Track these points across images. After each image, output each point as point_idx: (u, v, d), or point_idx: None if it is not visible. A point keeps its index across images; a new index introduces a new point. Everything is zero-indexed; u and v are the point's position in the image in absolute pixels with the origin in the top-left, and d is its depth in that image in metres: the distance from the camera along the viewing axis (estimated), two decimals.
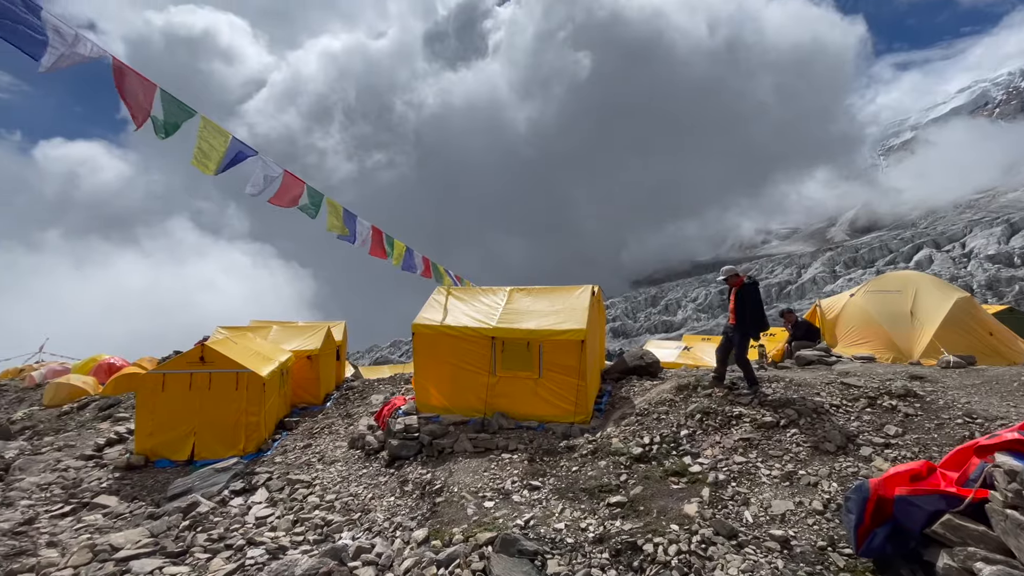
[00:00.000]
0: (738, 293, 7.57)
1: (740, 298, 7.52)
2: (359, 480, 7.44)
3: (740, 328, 7.54)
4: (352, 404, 11.62)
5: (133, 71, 4.53)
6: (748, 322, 7.48)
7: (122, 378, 15.81)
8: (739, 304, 7.51)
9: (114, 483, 8.13)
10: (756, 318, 7.46)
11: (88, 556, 5.46)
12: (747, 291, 7.55)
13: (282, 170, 6.62)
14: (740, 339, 7.57)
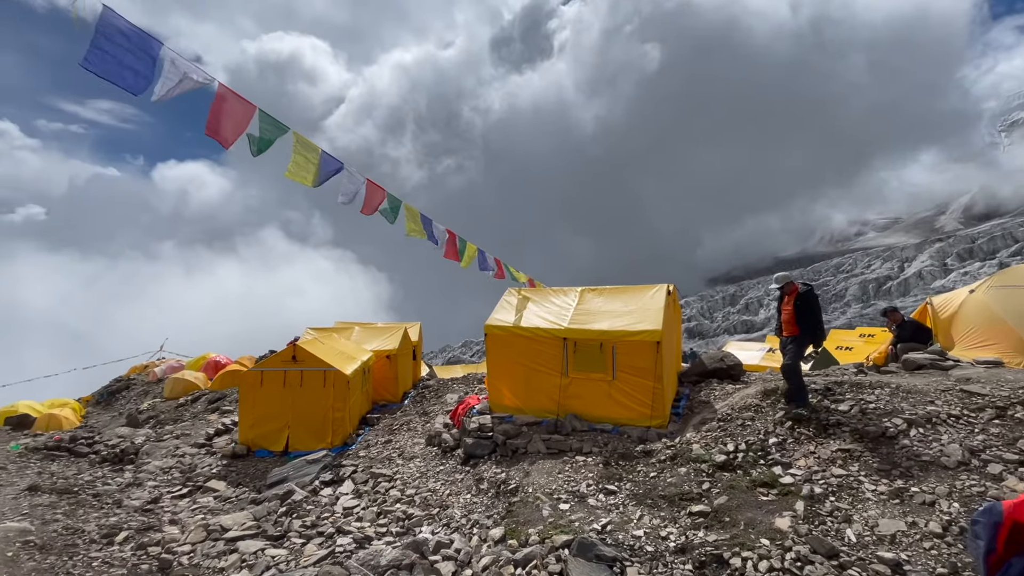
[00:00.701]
0: (796, 302, 6.98)
1: (799, 307, 6.92)
2: (437, 476, 7.68)
3: (798, 339, 6.96)
4: (428, 402, 12.03)
5: (234, 94, 5.00)
6: (808, 333, 6.88)
7: (227, 374, 17.47)
8: (798, 313, 6.92)
9: (222, 469, 8.99)
10: (816, 328, 6.88)
11: (203, 534, 6.08)
12: (806, 300, 6.93)
13: (364, 179, 7.01)
14: (796, 350, 6.95)
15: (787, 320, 7.09)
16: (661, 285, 8.85)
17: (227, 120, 5.07)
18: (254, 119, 5.29)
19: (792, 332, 7.03)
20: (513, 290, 9.77)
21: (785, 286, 7.19)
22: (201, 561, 5.46)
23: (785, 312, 7.13)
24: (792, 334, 7.03)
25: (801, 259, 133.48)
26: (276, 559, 5.44)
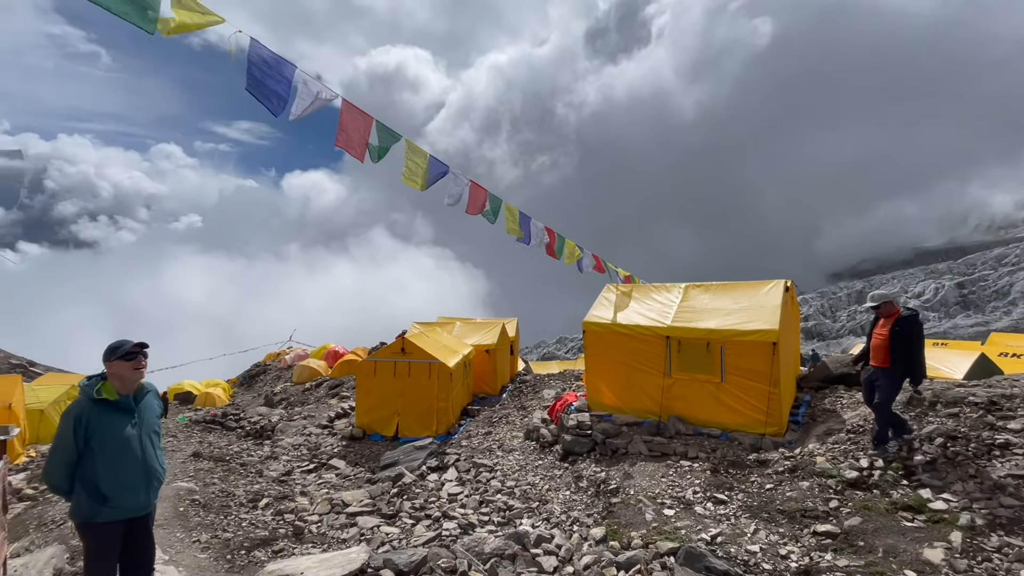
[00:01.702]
0: (895, 327, 5.79)
1: (897, 334, 5.74)
2: (535, 471, 7.78)
3: (891, 372, 5.79)
4: (526, 397, 12.21)
5: (356, 108, 5.44)
6: (904, 366, 5.71)
7: (344, 363, 19.18)
8: (895, 342, 5.74)
9: (342, 449, 9.89)
10: (916, 362, 5.66)
11: (327, 507, 6.74)
12: (908, 326, 5.72)
13: (468, 181, 7.27)
14: (890, 385, 5.79)
15: (878, 346, 5.92)
16: (777, 281, 8.12)
17: (353, 133, 5.53)
18: (372, 129, 5.71)
19: (882, 362, 5.87)
20: (612, 286, 9.56)
21: (883, 307, 6.02)
22: (327, 531, 6.05)
23: (878, 337, 5.96)
24: (882, 364, 5.88)
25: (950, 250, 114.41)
26: (390, 536, 5.86)
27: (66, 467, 2.93)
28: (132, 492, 3.02)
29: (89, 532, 2.98)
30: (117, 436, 2.98)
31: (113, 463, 2.96)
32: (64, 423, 2.92)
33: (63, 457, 2.91)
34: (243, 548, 5.29)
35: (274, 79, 4.55)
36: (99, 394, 2.98)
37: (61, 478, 2.95)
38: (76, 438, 2.89)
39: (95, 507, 2.94)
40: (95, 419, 2.94)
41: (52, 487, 3.01)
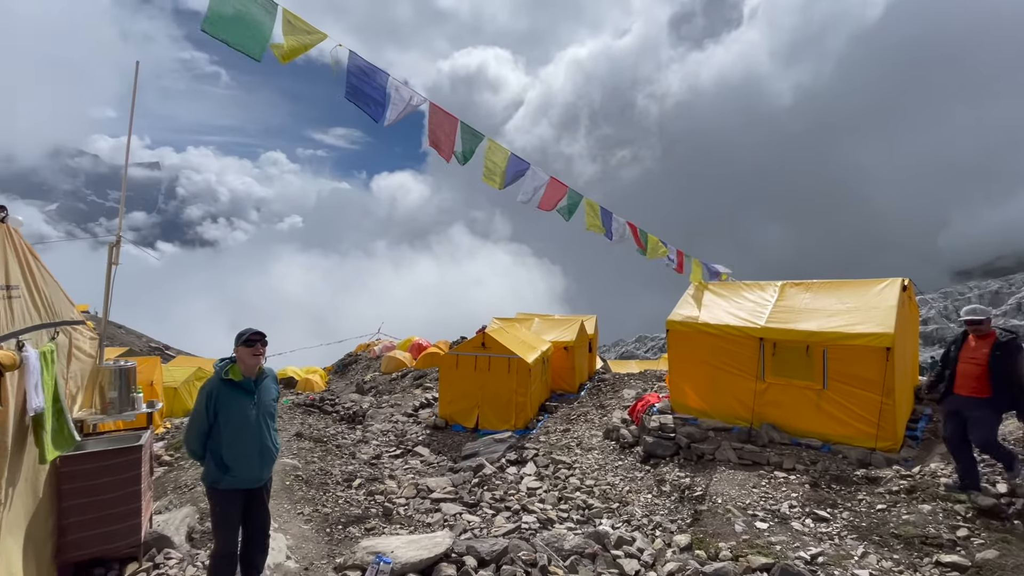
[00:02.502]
0: (995, 352, 4.85)
1: (1000, 359, 4.81)
2: (615, 471, 7.63)
3: (991, 404, 4.87)
4: (604, 396, 12.02)
5: (442, 110, 5.65)
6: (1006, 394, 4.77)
7: (427, 355, 20.03)
8: (997, 366, 4.81)
9: (426, 438, 10.35)
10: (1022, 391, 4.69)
11: (413, 492, 7.09)
12: (1009, 350, 4.77)
13: (549, 177, 7.27)
14: (994, 419, 4.88)
15: (973, 373, 5.00)
16: (893, 279, 7.28)
17: (440, 134, 5.75)
18: (458, 131, 5.89)
19: (979, 392, 4.96)
20: (698, 283, 9.11)
21: (983, 324, 5.07)
22: (413, 514, 6.37)
23: (971, 362, 5.04)
24: (978, 394, 4.96)
25: None
26: (471, 524, 6.04)
27: (199, 436, 3.35)
28: (248, 465, 3.39)
29: (214, 496, 3.39)
30: (239, 414, 3.36)
31: (234, 437, 3.34)
32: (199, 397, 3.35)
33: (198, 427, 3.34)
34: (340, 523, 5.72)
35: (371, 87, 4.85)
36: (227, 375, 3.38)
37: (196, 445, 3.38)
38: (207, 411, 3.31)
39: (219, 474, 3.33)
40: (222, 396, 3.33)
41: (189, 452, 3.45)
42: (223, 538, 3.37)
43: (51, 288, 3.61)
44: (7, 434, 2.98)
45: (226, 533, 3.38)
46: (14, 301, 3.09)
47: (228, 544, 3.39)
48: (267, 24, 4.25)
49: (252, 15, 4.17)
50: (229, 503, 3.37)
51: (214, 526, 3.41)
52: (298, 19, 4.50)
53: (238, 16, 4.06)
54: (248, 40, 4.11)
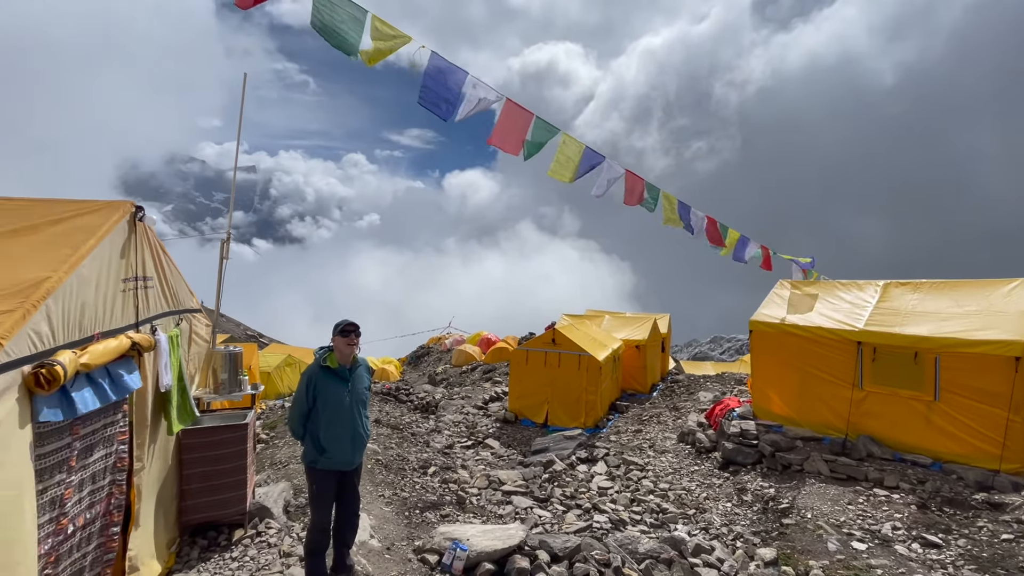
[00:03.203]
0: None
1: None
2: (691, 476, 7.35)
3: None
4: (679, 397, 11.59)
5: (517, 106, 5.70)
6: None
7: (496, 350, 20.35)
8: None
9: (496, 431, 10.53)
10: None
11: (485, 483, 7.24)
12: None
13: (624, 170, 7.11)
14: None
15: None
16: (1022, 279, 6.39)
17: (511, 130, 5.80)
18: (531, 126, 5.91)
19: None
20: (786, 282, 8.52)
21: None
22: (486, 504, 6.52)
23: None
24: None
25: None
26: (542, 519, 6.08)
27: (300, 418, 3.63)
28: (342, 449, 3.63)
29: (311, 475, 3.66)
30: (334, 399, 3.60)
31: (330, 422, 3.59)
32: (301, 382, 3.63)
33: (299, 409, 3.62)
34: (417, 508, 5.97)
35: (446, 87, 5.00)
36: (324, 362, 3.63)
37: (297, 425, 3.66)
38: (308, 395, 3.58)
39: (316, 455, 3.60)
40: (320, 382, 3.59)
41: (291, 431, 3.75)
42: (319, 514, 3.64)
43: (176, 279, 4.06)
44: (147, 407, 3.41)
45: (321, 509, 3.65)
46: (149, 291, 3.51)
47: (323, 519, 3.65)
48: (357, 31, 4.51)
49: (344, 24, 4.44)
50: (325, 482, 3.63)
51: (311, 502, 3.69)
52: (385, 24, 4.72)
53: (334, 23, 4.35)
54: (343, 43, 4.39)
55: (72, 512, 2.58)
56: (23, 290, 2.36)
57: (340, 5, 4.42)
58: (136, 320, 3.30)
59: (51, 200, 3.16)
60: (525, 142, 6.17)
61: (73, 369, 2.43)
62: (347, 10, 4.47)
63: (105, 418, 2.90)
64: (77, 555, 2.70)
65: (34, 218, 2.91)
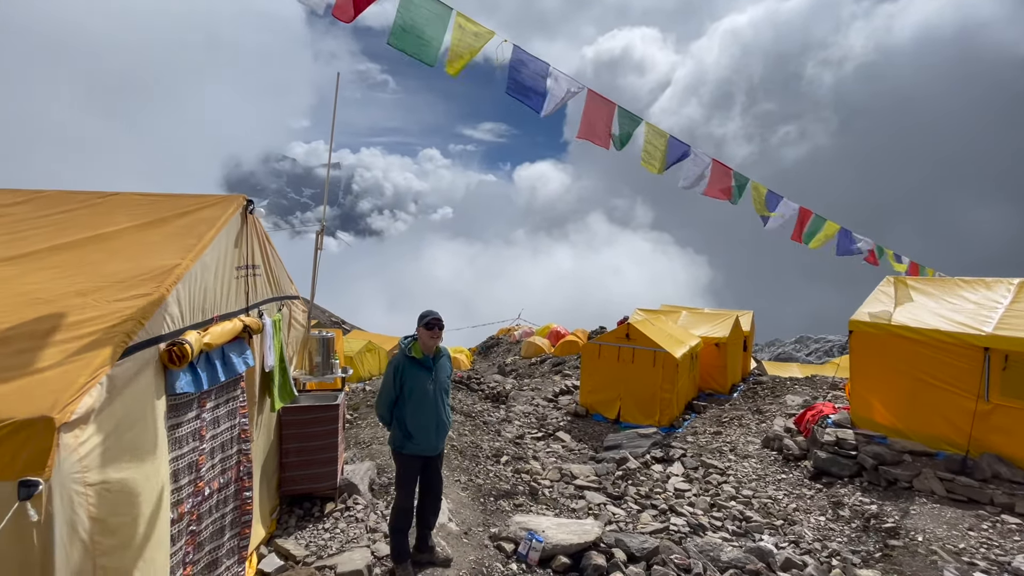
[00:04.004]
0: None
1: None
2: (777, 484, 6.89)
3: None
4: (762, 400, 10.90)
5: (600, 96, 5.55)
6: None
7: (566, 343, 20.24)
8: None
9: (567, 424, 10.48)
10: None
11: (557, 475, 7.23)
12: None
13: (710, 160, 6.73)
14: None
15: None
16: None
17: (597, 122, 5.67)
18: (615, 116, 5.73)
19: None
20: (893, 279, 7.69)
21: None
22: (558, 497, 6.51)
23: None
24: None
25: None
26: (616, 516, 5.96)
27: (388, 404, 3.80)
28: (427, 436, 3.76)
29: (398, 459, 3.83)
30: (419, 388, 3.73)
31: (415, 409, 3.73)
32: (388, 370, 3.79)
33: (387, 396, 3.78)
34: (491, 495, 6.08)
35: (533, 80, 4.96)
36: (409, 351, 3.77)
37: (384, 411, 3.84)
38: (395, 383, 3.73)
39: (403, 440, 3.75)
40: (407, 371, 3.73)
41: (379, 417, 3.93)
42: (403, 494, 3.80)
43: (278, 268, 4.39)
44: (255, 385, 3.73)
45: (407, 491, 3.81)
46: (257, 278, 3.82)
47: (407, 500, 3.81)
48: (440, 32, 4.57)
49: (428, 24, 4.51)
50: (410, 466, 3.79)
51: (397, 484, 3.86)
52: (469, 20, 4.75)
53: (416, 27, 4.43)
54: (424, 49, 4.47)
55: (207, 476, 2.88)
56: (158, 275, 2.63)
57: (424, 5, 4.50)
58: (247, 305, 3.59)
59: (177, 195, 3.52)
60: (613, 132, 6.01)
61: (198, 348, 2.69)
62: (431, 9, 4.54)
63: (228, 393, 3.20)
64: (216, 515, 3.01)
65: (164, 211, 3.24)
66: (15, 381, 1.93)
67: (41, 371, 1.99)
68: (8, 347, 2.09)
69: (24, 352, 2.06)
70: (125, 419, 2.20)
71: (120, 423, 2.15)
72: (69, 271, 2.62)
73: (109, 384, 2.08)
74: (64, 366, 2.02)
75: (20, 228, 2.98)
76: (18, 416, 1.77)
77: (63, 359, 2.06)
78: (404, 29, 4.48)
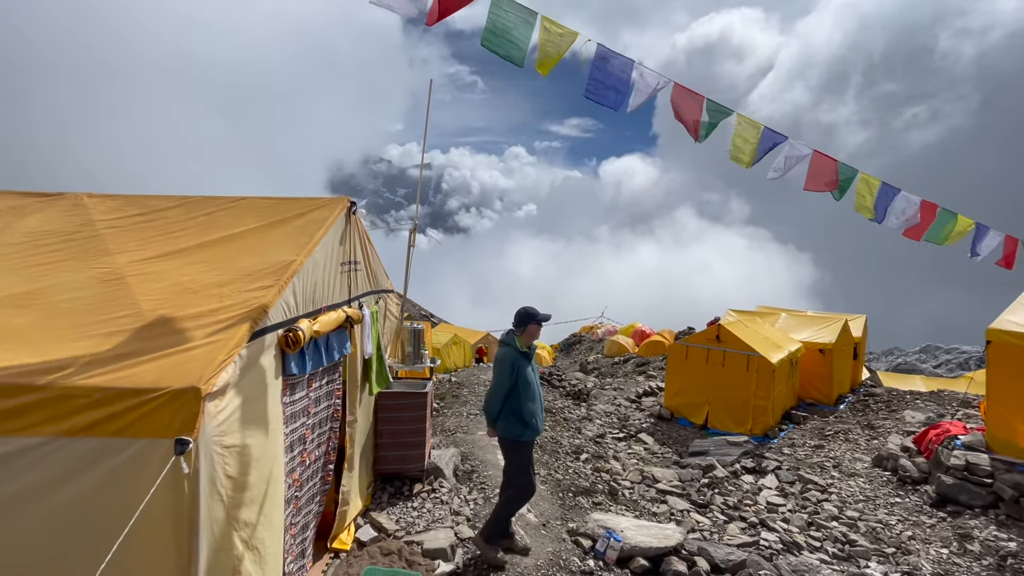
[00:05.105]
0: None
1: None
2: (890, 508, 6.22)
3: None
4: (875, 414, 9.84)
5: (687, 89, 5.33)
6: None
7: (650, 343, 19.64)
8: None
9: (649, 426, 10.21)
10: None
11: (638, 477, 7.09)
12: None
13: (810, 151, 6.20)
14: None
15: None
16: None
17: (686, 114, 5.48)
18: (703, 108, 5.49)
19: None
20: None
21: None
22: (639, 499, 6.39)
23: None
24: None
25: None
26: (700, 525, 5.74)
27: (502, 396, 3.94)
28: (538, 421, 4.00)
29: (518, 447, 4.01)
30: (528, 377, 3.96)
31: (529, 397, 3.95)
32: (505, 366, 3.90)
33: (501, 389, 3.92)
34: (570, 491, 6.12)
35: (615, 77, 4.90)
36: (518, 345, 3.96)
37: (497, 404, 3.96)
38: (512, 375, 3.90)
39: (521, 429, 3.95)
40: (518, 363, 3.93)
41: (488, 411, 4.04)
42: (528, 481, 4.03)
43: (376, 263, 4.77)
44: (356, 370, 4.10)
45: (530, 477, 4.05)
46: (357, 273, 4.19)
47: (532, 486, 4.05)
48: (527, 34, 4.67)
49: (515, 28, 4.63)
50: (528, 453, 4.03)
51: (520, 472, 4.03)
52: (553, 23, 4.80)
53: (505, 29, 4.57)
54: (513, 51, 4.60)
55: (310, 448, 3.26)
56: (277, 270, 3.00)
57: (511, 10, 4.62)
58: (349, 297, 3.96)
59: (293, 199, 3.95)
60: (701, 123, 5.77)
61: (309, 334, 3.02)
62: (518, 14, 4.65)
63: (328, 376, 3.57)
64: (311, 483, 3.40)
65: (283, 213, 3.67)
66: (172, 356, 2.32)
67: (190, 349, 2.37)
68: (167, 327, 2.52)
69: (178, 332, 2.47)
70: (251, 394, 2.54)
71: (248, 397, 2.50)
72: (211, 265, 3.07)
73: (241, 362, 2.42)
74: (207, 345, 2.40)
75: (173, 229, 3.54)
76: (174, 386, 2.14)
77: (206, 339, 2.43)
78: (494, 32, 4.65)
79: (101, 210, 3.71)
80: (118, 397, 2.10)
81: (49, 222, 3.52)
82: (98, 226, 3.47)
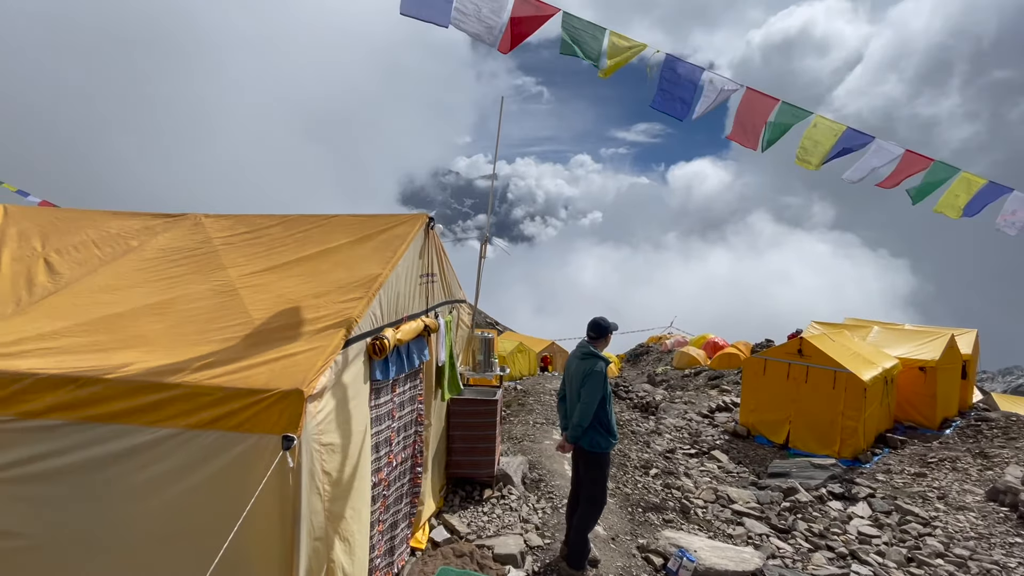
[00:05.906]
0: None
1: None
2: (1008, 549, 5.54)
3: None
4: (988, 441, 8.79)
5: (759, 93, 5.13)
6: None
7: (724, 355, 18.74)
8: None
9: (724, 443, 9.74)
10: None
11: (712, 496, 6.81)
12: None
13: (902, 151, 5.72)
14: None
15: None
16: None
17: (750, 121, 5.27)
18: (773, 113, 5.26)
19: None
20: None
21: None
22: (712, 520, 6.13)
23: None
24: None
25: None
26: (781, 551, 5.41)
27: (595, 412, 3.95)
28: (616, 429, 4.07)
29: (605, 460, 4.07)
30: (608, 389, 4.02)
31: (610, 409, 4.04)
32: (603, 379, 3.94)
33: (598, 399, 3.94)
34: (639, 507, 6.00)
35: (682, 87, 4.82)
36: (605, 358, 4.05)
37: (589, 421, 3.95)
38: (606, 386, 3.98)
39: (609, 440, 4.03)
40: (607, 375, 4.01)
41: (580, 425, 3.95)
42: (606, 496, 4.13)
43: (450, 275, 4.99)
44: (431, 377, 4.32)
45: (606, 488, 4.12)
46: (434, 285, 4.42)
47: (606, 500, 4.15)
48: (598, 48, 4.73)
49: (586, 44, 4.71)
50: (610, 463, 4.14)
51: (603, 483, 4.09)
52: (622, 37, 4.83)
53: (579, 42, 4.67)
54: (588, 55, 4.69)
55: (396, 450, 3.49)
56: (365, 283, 3.25)
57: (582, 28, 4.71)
58: (426, 307, 4.19)
59: (377, 215, 4.25)
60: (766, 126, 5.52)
61: (393, 342, 3.25)
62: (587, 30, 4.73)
63: (411, 381, 3.80)
64: (398, 484, 3.63)
65: (369, 229, 3.97)
66: (279, 361, 2.60)
67: (294, 355, 2.64)
68: (273, 335, 2.82)
69: (283, 340, 2.76)
70: (344, 396, 2.78)
71: (341, 400, 2.73)
72: (308, 278, 3.39)
73: (336, 368, 2.66)
74: (307, 352, 2.65)
75: (275, 245, 3.94)
76: (281, 388, 2.39)
77: (307, 346, 2.69)
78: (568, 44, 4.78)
79: (216, 228, 4.19)
80: (237, 396, 2.38)
81: (176, 240, 4.03)
82: (215, 243, 3.94)
